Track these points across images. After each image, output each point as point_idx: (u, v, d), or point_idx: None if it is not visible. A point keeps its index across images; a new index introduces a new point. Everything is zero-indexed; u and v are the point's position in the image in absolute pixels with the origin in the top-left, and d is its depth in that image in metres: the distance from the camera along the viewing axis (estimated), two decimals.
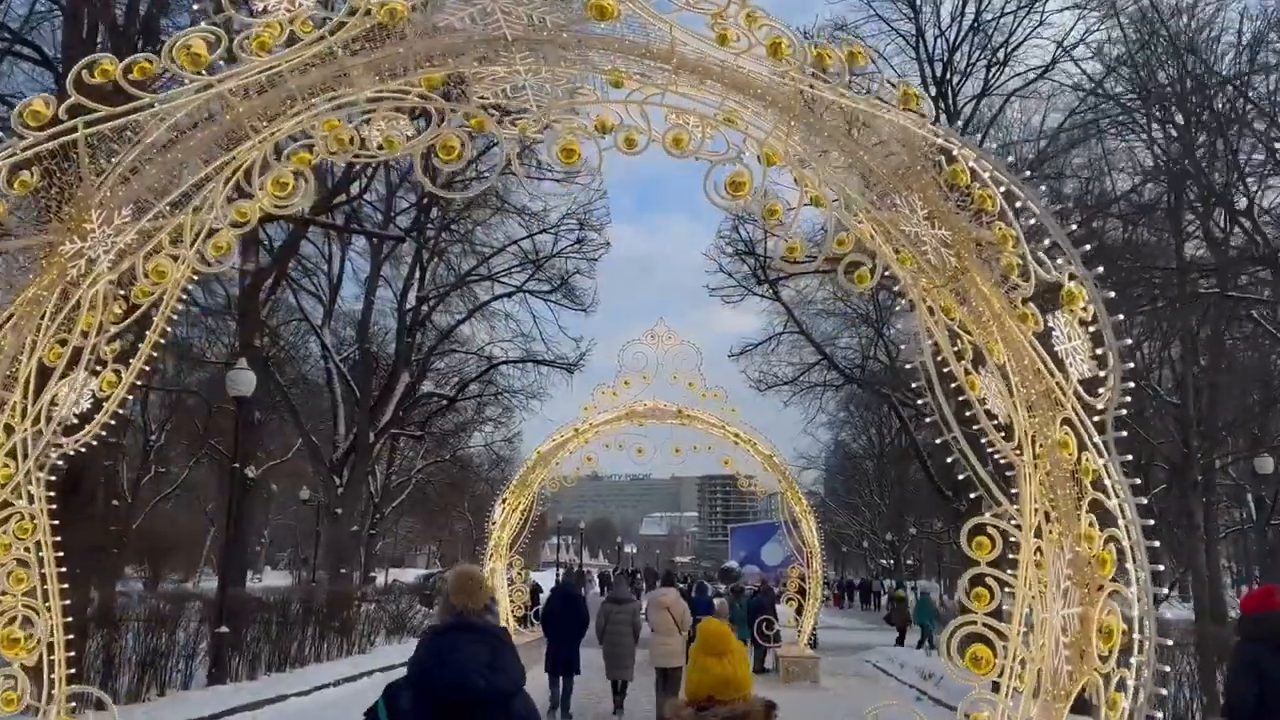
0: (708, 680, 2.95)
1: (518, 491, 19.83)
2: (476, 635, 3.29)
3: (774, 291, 25.37)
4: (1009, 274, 5.35)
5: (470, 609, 3.44)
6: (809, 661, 18.10)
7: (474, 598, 3.42)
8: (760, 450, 19.71)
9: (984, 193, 5.13)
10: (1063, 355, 5.04)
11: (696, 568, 74.24)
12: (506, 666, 3.26)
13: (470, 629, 3.31)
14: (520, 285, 24.34)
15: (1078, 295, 4.81)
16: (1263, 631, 5.48)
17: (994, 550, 5.52)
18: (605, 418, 19.78)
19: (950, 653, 5.60)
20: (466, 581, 3.51)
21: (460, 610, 3.46)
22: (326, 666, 17.11)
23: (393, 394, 23.70)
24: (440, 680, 3.15)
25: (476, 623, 3.38)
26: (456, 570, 3.71)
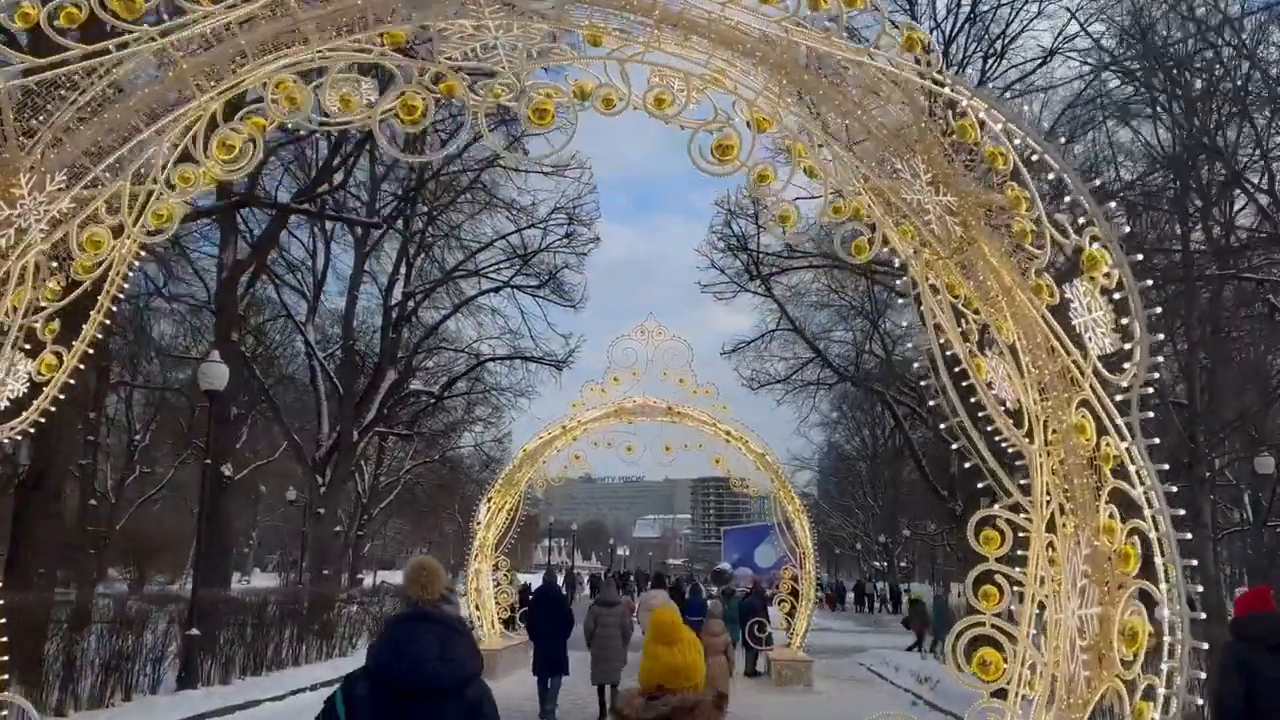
0: (658, 668, 2.94)
1: (504, 491, 19.33)
2: (431, 625, 3.30)
3: (766, 287, 24.93)
4: (1021, 242, 4.89)
5: (425, 599, 3.47)
6: (802, 665, 17.62)
7: (428, 588, 3.45)
8: (752, 449, 19.24)
9: (995, 150, 4.66)
10: (1081, 329, 4.58)
11: (689, 569, 73.69)
12: (459, 656, 3.28)
13: (425, 619, 3.32)
14: (507, 280, 23.85)
15: (1100, 260, 4.33)
16: (1253, 632, 5.41)
17: (1003, 545, 5.04)
18: (594, 415, 19.29)
19: (956, 657, 5.12)
20: (420, 572, 3.54)
21: (416, 600, 3.51)
22: (304, 670, 16.59)
23: (377, 391, 23.19)
24: (395, 670, 3.17)
25: (432, 613, 3.40)
26: (412, 562, 3.71)
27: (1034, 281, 4.92)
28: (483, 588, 19.09)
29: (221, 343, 17.73)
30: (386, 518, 48.00)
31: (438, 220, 25.67)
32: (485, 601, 19.05)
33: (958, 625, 5.05)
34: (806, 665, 17.66)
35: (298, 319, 24.54)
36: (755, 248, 23.46)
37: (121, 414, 40.70)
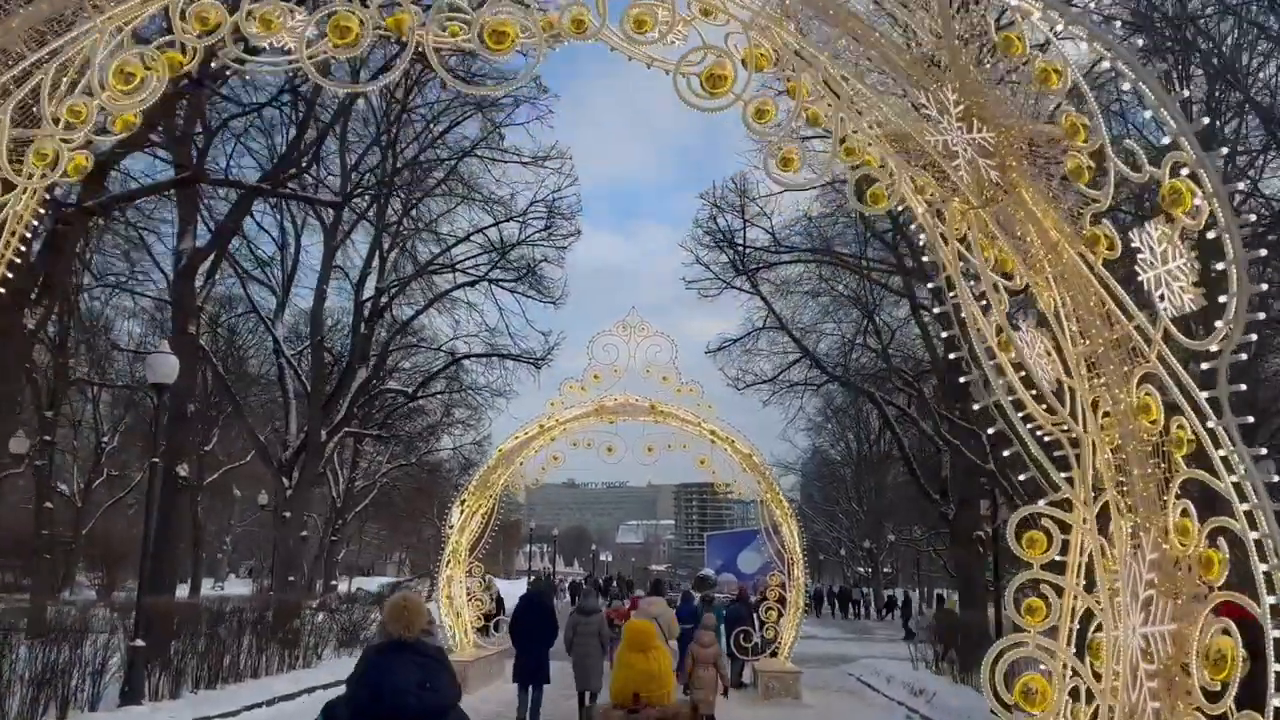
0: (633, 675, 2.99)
1: (478, 493, 18.42)
2: (411, 656, 3.31)
3: (753, 284, 24.13)
4: (1075, 182, 4.07)
5: (406, 636, 3.46)
6: (790, 677, 16.77)
7: (409, 626, 3.43)
8: (739, 449, 18.41)
9: (1047, 66, 3.85)
10: (1152, 285, 3.75)
11: (673, 575, 72.93)
12: (439, 686, 3.28)
13: (406, 649, 3.34)
14: (484, 274, 22.93)
15: (1185, 195, 3.48)
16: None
17: (1050, 549, 4.20)
18: (573, 414, 18.43)
19: (995, 684, 4.27)
20: (401, 611, 3.52)
21: (398, 636, 3.50)
22: (264, 682, 15.61)
23: (347, 390, 22.22)
24: (374, 700, 3.19)
25: (412, 643, 3.40)
26: (391, 600, 3.69)
27: (1088, 231, 4.10)
28: (455, 595, 18.16)
29: (178, 335, 16.79)
30: (362, 523, 46.88)
31: (413, 213, 24.74)
32: (458, 610, 18.11)
33: (996, 646, 4.18)
34: (794, 677, 16.82)
35: (265, 315, 23.56)
36: (742, 241, 22.69)
37: (87, 414, 39.65)
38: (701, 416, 18.40)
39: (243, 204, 17.32)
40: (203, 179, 13.56)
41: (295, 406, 22.97)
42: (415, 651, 3.33)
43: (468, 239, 23.23)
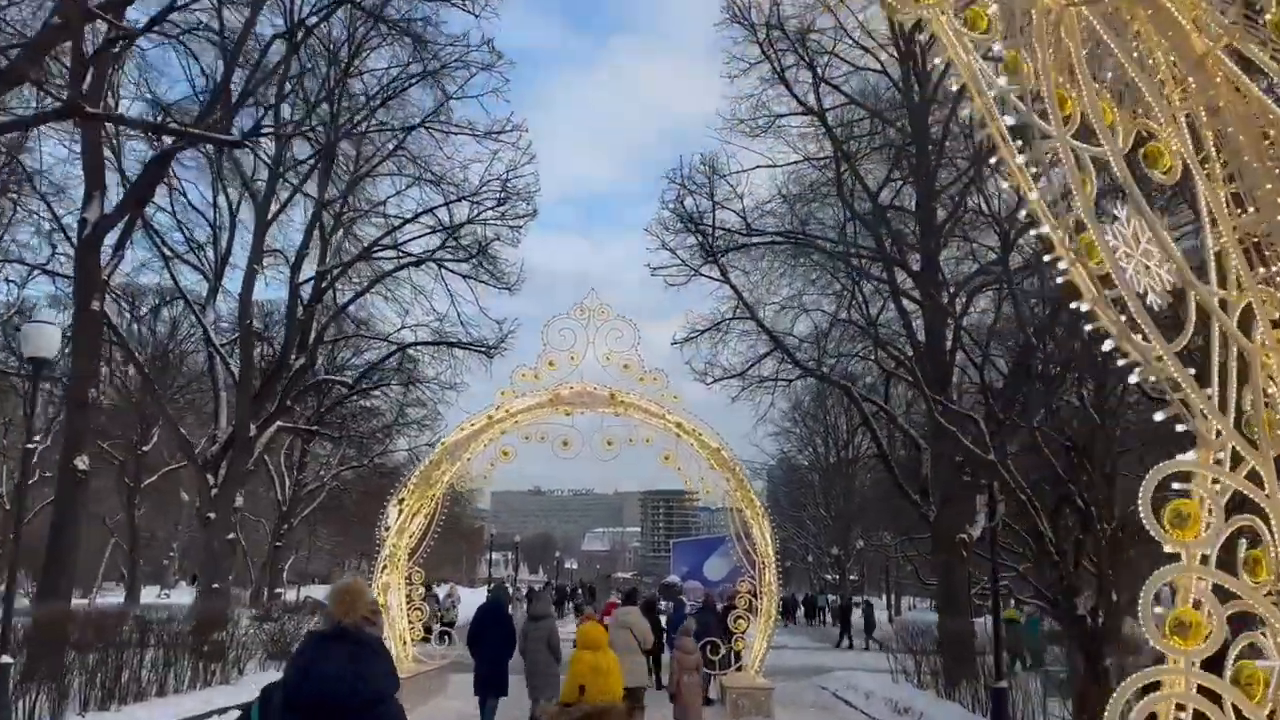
0: (582, 669, 3.59)
1: (418, 492, 16.69)
2: (346, 644, 3.20)
3: (722, 272, 22.61)
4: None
5: (346, 621, 3.34)
6: (761, 693, 15.21)
7: (351, 610, 3.31)
8: (706, 443, 16.87)
9: None
10: None
11: (639, 583, 71.45)
12: (371, 675, 3.16)
13: (343, 637, 3.22)
14: (431, 253, 21.16)
15: None
16: None
17: (1203, 527, 2.66)
18: (525, 404, 16.80)
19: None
20: (344, 594, 3.43)
21: (338, 621, 3.40)
22: (171, 701, 13.80)
23: (279, 380, 20.39)
24: (304, 688, 3.12)
25: (350, 631, 3.28)
26: (337, 584, 3.64)
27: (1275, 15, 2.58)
28: (392, 605, 16.40)
29: (80, 312, 14.97)
30: (312, 528, 44.77)
31: (357, 191, 22.98)
32: (395, 620, 16.37)
33: (1132, 680, 2.59)
34: (766, 694, 15.25)
35: (194, 300, 21.67)
36: (711, 223, 21.17)
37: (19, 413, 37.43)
38: (666, 407, 16.86)
39: (159, 168, 15.52)
40: (79, 112, 11.80)
41: (226, 399, 21.11)
42: (351, 640, 3.22)
43: (415, 219, 21.51)
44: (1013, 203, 14.32)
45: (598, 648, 3.54)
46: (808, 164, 20.98)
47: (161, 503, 45.78)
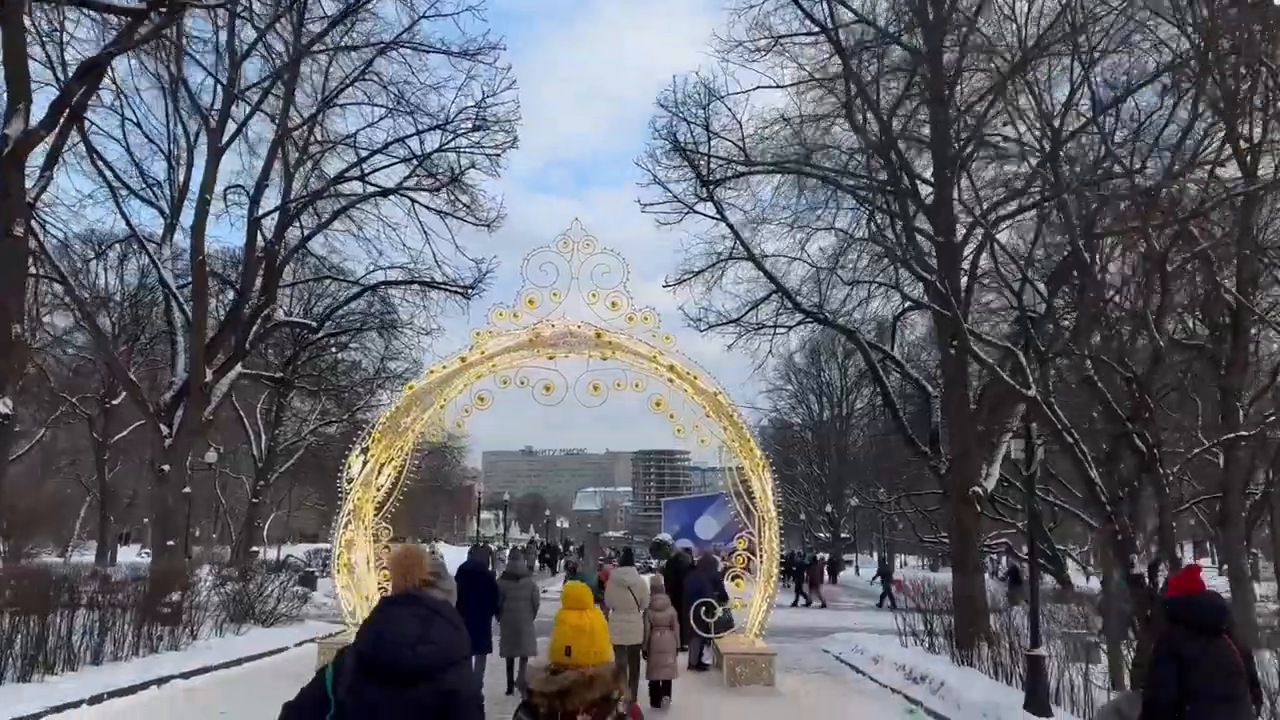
0: (567, 630, 3.17)
1: (385, 441, 15.18)
2: (418, 608, 3.18)
3: (718, 209, 20.96)
4: None
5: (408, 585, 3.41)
6: (761, 660, 13.87)
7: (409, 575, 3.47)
8: (701, 388, 15.39)
9: None
10: None
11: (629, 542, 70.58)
12: (442, 638, 3.11)
13: (411, 602, 3.23)
14: (399, 183, 19.41)
15: None
16: (1186, 614, 5.02)
17: None
18: (503, 345, 15.27)
19: None
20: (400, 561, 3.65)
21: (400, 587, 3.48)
22: (106, 670, 12.33)
23: (236, 323, 18.78)
24: (376, 651, 3.08)
25: (419, 596, 3.30)
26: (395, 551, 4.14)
27: None
28: (357, 563, 14.98)
29: (1, 238, 13.30)
30: (292, 485, 43.33)
31: (324, 124, 21.19)
32: (360, 582, 14.95)
33: None
34: (767, 660, 13.91)
35: (144, 235, 19.95)
36: (707, 151, 19.47)
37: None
38: (658, 349, 15.36)
39: (91, 72, 13.78)
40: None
41: (183, 345, 19.46)
42: (422, 604, 3.21)
43: (385, 149, 19.70)
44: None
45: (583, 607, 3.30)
46: (815, 84, 19.22)
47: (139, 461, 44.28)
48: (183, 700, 11.71)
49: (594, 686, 3.04)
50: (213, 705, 11.36)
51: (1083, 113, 12.60)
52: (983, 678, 12.34)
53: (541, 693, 3.08)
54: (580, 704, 3.03)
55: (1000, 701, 10.32)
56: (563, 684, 3.04)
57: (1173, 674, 4.82)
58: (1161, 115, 15.12)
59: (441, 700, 3.06)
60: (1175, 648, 4.90)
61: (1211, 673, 4.82)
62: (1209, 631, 4.94)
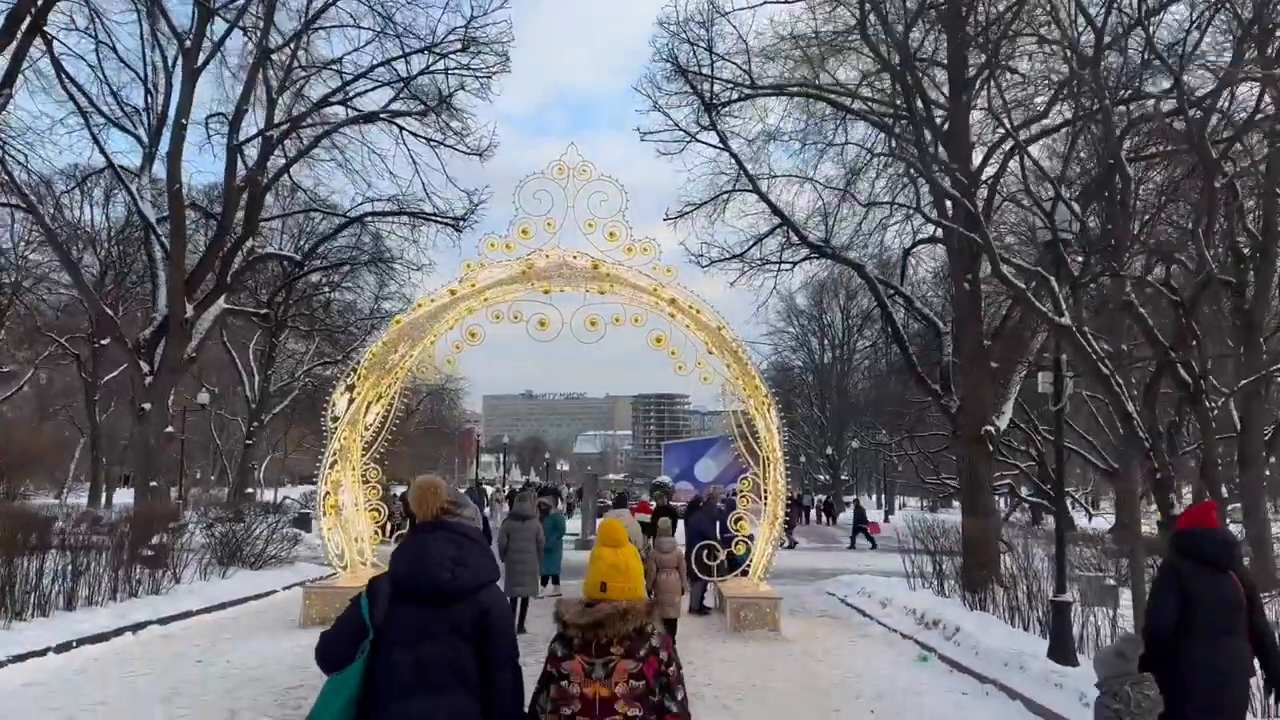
0: (602, 567, 3.20)
1: (371, 378, 14.44)
2: (444, 534, 3.35)
3: (721, 139, 20.01)
4: None
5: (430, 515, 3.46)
6: (766, 604, 13.31)
7: (428, 505, 3.47)
8: (704, 322, 14.63)
9: None
10: None
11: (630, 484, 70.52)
12: (472, 562, 3.27)
13: (442, 529, 3.38)
14: (385, 106, 18.38)
15: None
16: (1193, 548, 5.00)
17: None
18: (495, 277, 14.48)
19: None
20: (420, 492, 3.56)
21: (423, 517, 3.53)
22: (79, 617, 11.74)
23: (217, 255, 17.94)
24: (410, 577, 3.23)
25: (448, 523, 3.43)
26: (413, 483, 3.73)
27: None
28: (345, 505, 14.35)
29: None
30: (288, 427, 42.78)
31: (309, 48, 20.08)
32: (349, 524, 14.34)
33: None
34: (772, 604, 13.36)
35: (124, 168, 19.01)
36: (710, 72, 18.46)
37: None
38: (658, 282, 14.57)
39: None
40: None
41: (163, 279, 18.64)
42: (453, 530, 3.37)
43: (370, 73, 18.62)
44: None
45: (619, 545, 3.16)
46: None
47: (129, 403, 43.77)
48: (158, 646, 11.13)
49: (627, 619, 3.08)
50: (189, 652, 10.79)
51: (1125, 11, 11.62)
52: (999, 623, 11.78)
53: (576, 624, 3.12)
54: (614, 636, 3.08)
55: (1023, 650, 9.73)
56: (597, 616, 3.08)
57: (1174, 606, 4.83)
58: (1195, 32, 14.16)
59: (478, 616, 3.20)
60: (1180, 581, 4.90)
61: (1214, 608, 4.82)
62: (1215, 567, 4.92)
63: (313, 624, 12.65)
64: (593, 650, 3.09)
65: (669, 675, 3.13)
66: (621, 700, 3.05)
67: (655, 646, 3.12)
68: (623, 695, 3.06)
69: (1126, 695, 4.89)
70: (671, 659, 3.16)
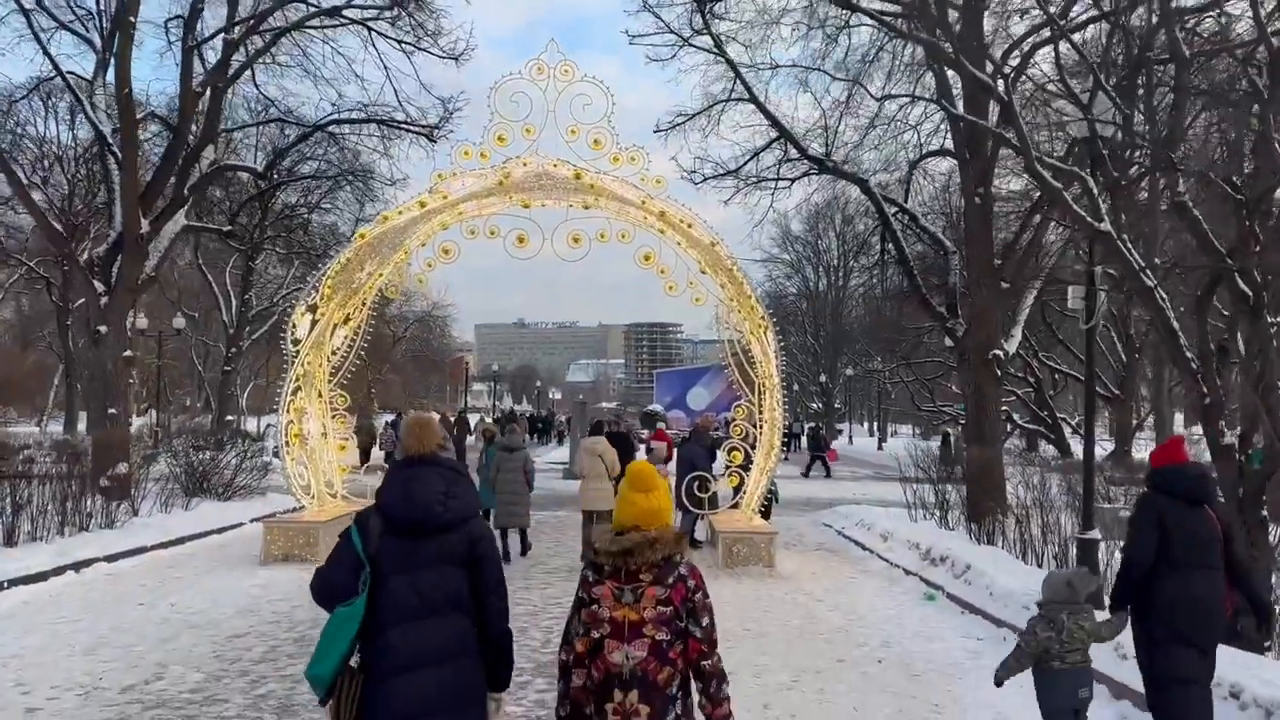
0: (634, 511, 3.26)
1: (336, 298, 13.33)
2: (435, 469, 3.47)
3: (716, 43, 18.63)
4: None
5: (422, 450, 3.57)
6: (760, 539, 12.47)
7: (423, 441, 3.59)
8: (696, 237, 13.53)
9: None
10: None
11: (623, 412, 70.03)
12: (462, 494, 3.45)
13: (429, 463, 3.50)
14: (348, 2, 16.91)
15: None
16: (1170, 484, 5.09)
17: None
18: (469, 188, 13.31)
19: None
20: (414, 427, 3.68)
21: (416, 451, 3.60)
22: (15, 555, 10.84)
23: (175, 165, 16.66)
24: (404, 509, 3.36)
25: (435, 457, 3.56)
26: (407, 419, 3.93)
27: None
28: (311, 434, 13.37)
29: None
30: (269, 354, 41.69)
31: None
32: (314, 455, 13.39)
33: None
34: (768, 539, 12.52)
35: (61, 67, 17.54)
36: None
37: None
38: (646, 193, 13.41)
39: None
40: None
41: (120, 195, 17.36)
42: (437, 465, 3.48)
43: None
44: None
45: (650, 489, 3.16)
46: None
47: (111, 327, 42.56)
48: (102, 587, 10.24)
49: (656, 548, 3.20)
50: (133, 593, 9.90)
51: None
52: (1010, 559, 10.96)
53: (607, 552, 3.23)
54: (643, 563, 3.19)
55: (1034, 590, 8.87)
56: (626, 544, 3.20)
57: (1153, 540, 4.91)
58: None
59: (468, 546, 3.36)
60: (1158, 515, 4.97)
61: (1190, 543, 4.91)
62: (1191, 501, 5.01)
63: (274, 561, 11.79)
64: (622, 577, 3.20)
65: (695, 602, 3.24)
66: (650, 624, 3.17)
67: (683, 575, 3.23)
68: (651, 620, 3.17)
69: (1061, 623, 4.86)
70: (699, 587, 3.27)
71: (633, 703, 3.13)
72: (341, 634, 3.20)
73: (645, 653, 3.14)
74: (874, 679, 7.24)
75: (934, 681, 7.24)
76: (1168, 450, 5.36)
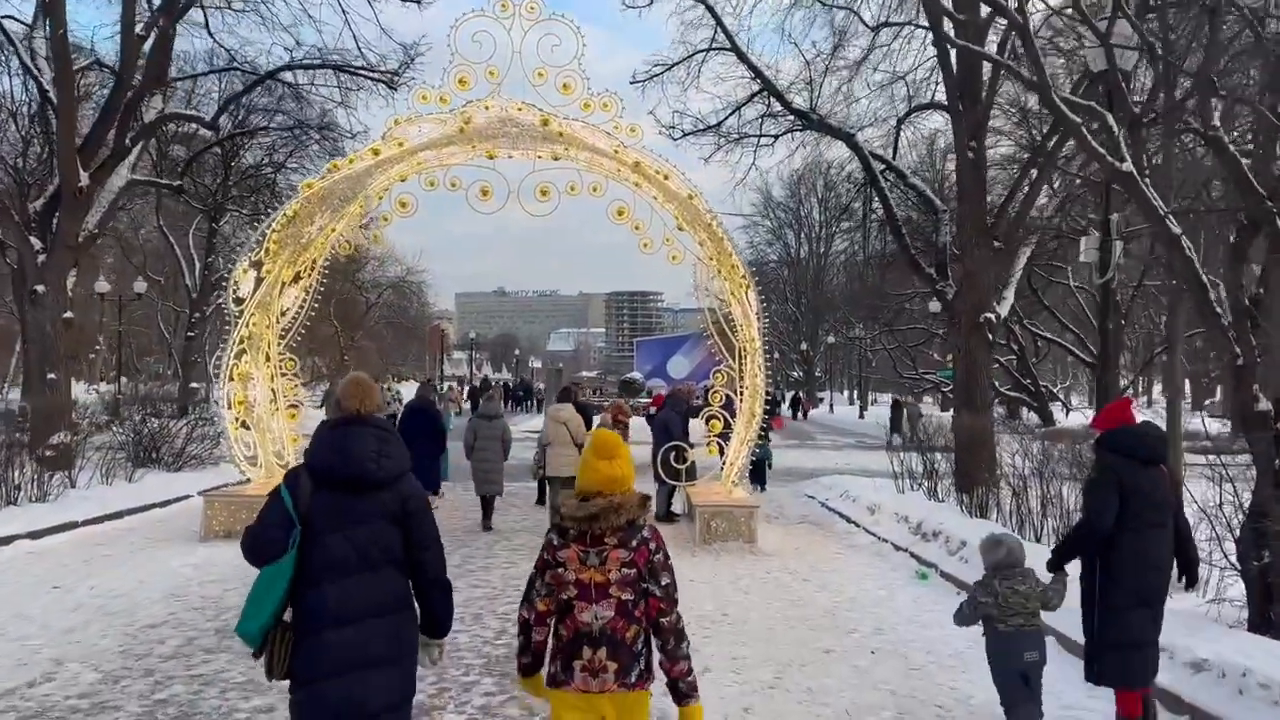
0: (597, 478, 3.33)
1: (283, 254, 12.32)
2: (366, 428, 3.51)
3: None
4: None
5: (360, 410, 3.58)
6: (740, 513, 11.66)
7: (363, 402, 3.61)
8: (673, 191, 12.59)
9: None
10: None
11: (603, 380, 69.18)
12: (394, 453, 3.50)
13: (360, 422, 3.53)
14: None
15: None
16: (1125, 445, 5.04)
17: None
18: (427, 135, 12.30)
19: None
20: (355, 387, 3.67)
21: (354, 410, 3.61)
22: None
23: (116, 113, 15.53)
24: (336, 466, 3.38)
25: (372, 417, 3.59)
26: (346, 378, 3.85)
27: None
28: (257, 401, 12.42)
29: None
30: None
31: None
32: (260, 423, 12.43)
33: None
34: (748, 513, 11.72)
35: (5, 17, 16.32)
36: None
37: None
38: (619, 142, 12.44)
39: None
40: None
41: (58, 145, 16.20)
42: (368, 424, 3.52)
43: None
44: None
45: (614, 456, 3.25)
46: None
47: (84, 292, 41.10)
48: (20, 568, 9.32)
49: (620, 513, 3.29)
50: (51, 575, 8.99)
51: None
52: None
53: (573, 517, 3.31)
54: (608, 528, 3.28)
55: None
56: (593, 510, 3.28)
57: (1114, 502, 4.84)
58: None
59: (400, 503, 3.41)
60: (1120, 476, 4.90)
61: (1146, 503, 4.90)
62: (1148, 462, 5.00)
63: (214, 537, 10.90)
64: (588, 540, 3.29)
65: (655, 562, 3.34)
66: (615, 585, 3.27)
67: (646, 538, 3.34)
68: (615, 581, 3.28)
69: (994, 588, 4.93)
70: (660, 547, 3.39)
71: (601, 659, 3.23)
72: (271, 592, 3.21)
73: (613, 613, 3.24)
74: (867, 674, 6.46)
75: (935, 676, 6.47)
76: (1115, 412, 5.29)
